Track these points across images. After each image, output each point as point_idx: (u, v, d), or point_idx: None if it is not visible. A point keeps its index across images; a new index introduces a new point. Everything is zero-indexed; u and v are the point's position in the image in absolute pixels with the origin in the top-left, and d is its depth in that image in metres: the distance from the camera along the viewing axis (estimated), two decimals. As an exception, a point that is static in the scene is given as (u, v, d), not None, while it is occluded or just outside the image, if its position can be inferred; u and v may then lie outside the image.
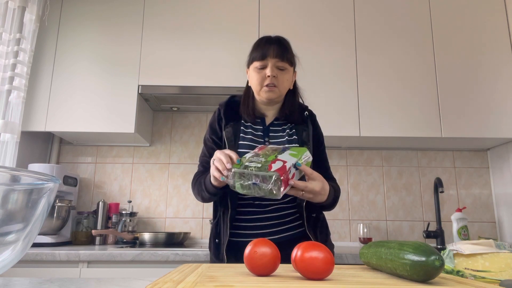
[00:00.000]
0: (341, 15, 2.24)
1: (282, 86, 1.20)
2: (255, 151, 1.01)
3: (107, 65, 2.15)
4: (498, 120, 2.09)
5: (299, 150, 1.01)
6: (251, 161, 0.94)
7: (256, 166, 0.92)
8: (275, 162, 0.93)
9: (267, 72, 1.17)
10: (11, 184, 0.43)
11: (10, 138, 1.90)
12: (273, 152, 0.98)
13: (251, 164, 0.93)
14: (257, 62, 1.19)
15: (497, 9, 2.24)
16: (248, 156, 0.97)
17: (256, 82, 1.19)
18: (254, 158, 0.95)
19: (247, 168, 0.92)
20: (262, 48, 1.19)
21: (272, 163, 0.92)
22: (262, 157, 0.95)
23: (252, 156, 0.97)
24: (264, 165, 0.91)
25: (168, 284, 0.46)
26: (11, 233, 0.42)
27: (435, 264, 0.49)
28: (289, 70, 1.21)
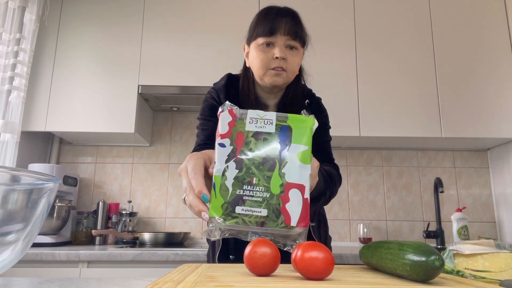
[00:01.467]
0: (341, 15, 2.24)
1: (291, 71, 1.00)
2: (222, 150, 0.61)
3: (107, 65, 2.15)
4: (498, 120, 2.09)
5: (301, 127, 0.64)
6: (241, 194, 0.58)
7: (259, 215, 0.58)
8: (288, 192, 0.59)
9: (275, 52, 0.96)
10: (11, 184, 0.43)
11: (10, 138, 1.90)
12: (266, 162, 0.60)
13: (249, 211, 0.58)
14: (262, 38, 0.97)
15: (497, 9, 2.24)
16: (228, 183, 0.59)
17: (260, 64, 0.98)
18: (244, 183, 0.59)
19: (241, 220, 0.58)
20: (271, 20, 0.96)
21: (285, 193, 0.59)
22: (258, 179, 0.60)
23: (239, 178, 0.59)
24: (274, 207, 0.58)
25: (168, 284, 0.46)
26: (11, 233, 0.42)
27: (435, 264, 0.49)
28: (300, 51, 1.01)
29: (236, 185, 0.59)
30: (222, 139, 0.63)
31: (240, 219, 0.58)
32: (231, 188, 0.59)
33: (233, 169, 0.60)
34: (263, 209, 0.58)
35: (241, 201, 0.59)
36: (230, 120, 0.64)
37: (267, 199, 0.59)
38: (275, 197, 0.59)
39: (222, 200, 0.58)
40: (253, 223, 0.58)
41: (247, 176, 0.60)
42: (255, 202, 0.59)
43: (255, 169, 0.60)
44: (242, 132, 0.63)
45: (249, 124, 0.64)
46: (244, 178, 0.60)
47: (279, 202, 0.59)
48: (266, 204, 0.58)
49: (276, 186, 0.59)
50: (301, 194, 0.59)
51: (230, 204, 0.58)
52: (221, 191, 0.59)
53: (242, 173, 0.60)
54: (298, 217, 0.58)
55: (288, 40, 0.97)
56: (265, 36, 0.97)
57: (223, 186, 0.59)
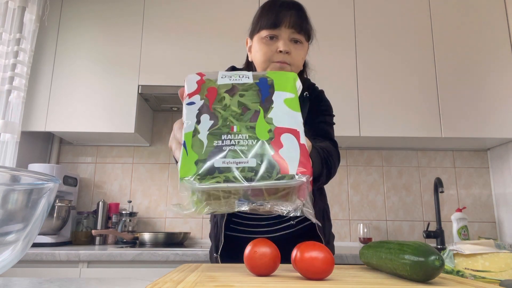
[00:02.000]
0: (341, 15, 2.24)
1: (295, 66, 0.96)
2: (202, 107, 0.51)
3: (107, 65, 2.15)
4: (498, 120, 2.09)
5: (283, 78, 0.56)
6: (224, 145, 0.46)
7: (246, 166, 0.44)
8: (279, 137, 0.47)
9: (279, 46, 0.93)
10: (11, 184, 0.43)
11: (10, 138, 1.90)
12: (247, 111, 0.49)
13: (232, 164, 0.44)
14: (266, 31, 0.94)
15: (497, 9, 2.24)
16: (202, 129, 0.47)
17: (263, 58, 0.94)
18: (223, 136, 0.46)
19: (222, 178, 0.43)
20: (275, 13, 0.93)
21: (275, 138, 0.46)
22: (238, 128, 0.47)
23: (215, 130, 0.47)
24: (265, 152, 0.45)
25: (168, 284, 0.46)
26: (11, 233, 0.42)
27: (435, 264, 0.49)
28: (305, 45, 0.99)
29: (212, 138, 0.47)
30: (190, 97, 0.52)
31: (221, 177, 0.43)
32: (206, 142, 0.46)
33: (206, 122, 0.48)
34: (250, 159, 0.44)
35: (221, 153, 0.45)
36: (198, 79, 0.55)
37: (254, 147, 0.46)
38: (264, 144, 0.46)
39: (195, 156, 0.45)
40: (239, 179, 0.43)
41: (225, 127, 0.47)
42: (240, 151, 0.45)
43: (234, 119, 0.48)
44: (213, 86, 0.53)
45: (222, 79, 0.54)
46: (221, 129, 0.47)
47: (270, 149, 0.46)
48: (254, 153, 0.45)
49: (263, 132, 0.47)
50: (295, 139, 0.47)
51: (207, 160, 0.44)
52: (193, 147, 0.46)
53: (218, 125, 0.48)
54: (297, 163, 0.45)
55: (293, 34, 0.94)
56: (269, 29, 0.94)
57: (196, 142, 0.46)
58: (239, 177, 0.43)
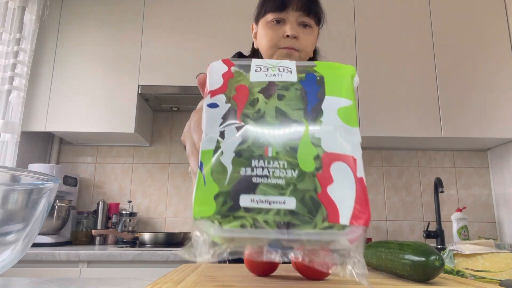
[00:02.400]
0: (341, 15, 2.24)
1: (304, 52, 0.89)
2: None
3: (107, 65, 2.15)
4: (498, 120, 2.09)
5: (337, 74, 0.42)
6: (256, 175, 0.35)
7: (282, 208, 0.34)
8: (328, 167, 0.35)
9: (286, 30, 0.85)
10: (11, 184, 0.43)
11: (10, 138, 1.90)
12: (287, 123, 0.37)
13: (263, 204, 0.34)
14: (272, 14, 0.86)
15: (497, 9, 2.24)
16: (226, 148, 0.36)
17: (269, 43, 0.87)
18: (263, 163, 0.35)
19: (250, 221, 0.34)
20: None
21: (324, 169, 0.35)
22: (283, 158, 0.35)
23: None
24: (308, 197, 0.34)
25: (168, 284, 0.46)
26: (11, 233, 0.42)
27: (435, 264, 0.49)
28: (315, 30, 0.93)
29: (239, 162, 0.35)
30: (213, 96, 0.40)
31: (249, 219, 0.34)
32: (231, 167, 0.35)
33: (232, 137, 0.36)
34: (288, 198, 0.34)
35: (249, 187, 0.34)
36: (225, 71, 0.44)
37: (294, 181, 0.34)
38: (308, 177, 0.34)
39: (215, 188, 0.35)
40: (272, 225, 0.34)
41: (257, 147, 0.35)
42: (274, 186, 0.34)
43: (270, 136, 0.36)
44: (244, 84, 0.41)
45: (255, 73, 0.42)
46: (252, 150, 0.35)
47: (315, 186, 0.34)
48: (293, 189, 0.34)
49: (307, 159, 0.35)
50: (351, 171, 0.35)
51: (230, 193, 0.34)
52: (213, 174, 0.35)
53: (248, 143, 0.36)
54: (352, 209, 0.34)
55: (301, 17, 0.87)
56: (275, 12, 0.86)
57: (217, 166, 0.35)
58: (272, 223, 0.33)
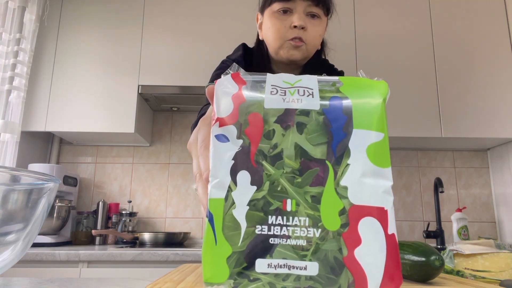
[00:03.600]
0: (341, 15, 2.24)
1: (311, 44, 0.86)
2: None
3: (107, 65, 2.15)
4: (498, 120, 2.09)
5: (365, 95, 0.39)
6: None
7: (298, 273, 0.30)
8: (356, 224, 0.31)
9: (293, 20, 0.81)
10: (11, 184, 0.43)
11: (10, 138, 1.90)
12: (308, 166, 0.32)
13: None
14: (279, 4, 0.82)
15: (497, 9, 2.24)
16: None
17: (276, 35, 0.83)
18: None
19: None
20: None
21: (351, 227, 0.31)
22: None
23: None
24: (328, 253, 0.31)
25: (168, 284, 0.46)
26: (11, 233, 0.42)
27: (435, 264, 0.49)
28: (323, 20, 0.88)
29: (254, 217, 0.31)
30: (222, 126, 0.34)
31: (266, 285, 0.30)
32: (245, 224, 0.31)
33: (245, 184, 0.32)
34: (309, 263, 0.30)
35: (266, 249, 0.31)
36: (235, 92, 0.35)
37: (317, 241, 0.31)
38: (333, 237, 0.31)
39: (228, 248, 0.31)
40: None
41: (274, 197, 0.31)
42: (294, 248, 0.30)
43: (288, 184, 0.31)
44: (258, 113, 0.34)
45: (271, 96, 0.35)
46: (269, 202, 0.31)
47: (340, 247, 0.30)
48: (315, 251, 0.30)
49: (332, 215, 0.31)
50: (381, 228, 0.31)
51: (245, 255, 0.30)
52: (224, 230, 0.31)
53: (263, 191, 0.32)
54: (382, 276, 0.30)
55: (309, 7, 0.83)
56: (282, 1, 0.82)
57: (229, 221, 0.31)
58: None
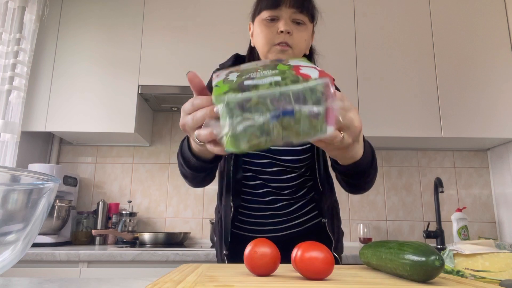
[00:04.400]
0: (341, 15, 2.24)
1: (297, 47, 0.92)
2: (239, 68, 0.56)
3: (107, 65, 2.15)
4: (498, 120, 2.09)
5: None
6: (248, 85, 0.48)
7: (271, 79, 0.48)
8: (300, 68, 0.51)
9: (279, 26, 0.89)
10: (11, 184, 0.43)
11: (10, 138, 1.90)
12: (276, 62, 0.54)
13: (258, 81, 0.49)
14: (266, 12, 0.90)
15: (497, 10, 2.24)
16: (236, 74, 0.52)
17: (264, 40, 0.91)
18: (249, 79, 0.50)
19: (252, 90, 0.47)
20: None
21: (295, 70, 0.50)
22: (267, 69, 0.52)
23: (247, 72, 0.52)
24: (288, 75, 0.49)
25: (168, 284, 0.46)
26: (11, 233, 0.42)
27: (435, 264, 0.49)
28: (308, 27, 0.95)
29: (240, 76, 0.51)
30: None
31: (253, 91, 0.48)
32: (236, 79, 0.50)
33: (234, 75, 0.52)
34: (274, 77, 0.49)
35: (248, 80, 0.50)
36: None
37: (278, 74, 0.50)
38: (286, 70, 0.51)
39: (226, 87, 0.49)
40: (269, 88, 0.48)
41: (251, 71, 0.53)
42: (265, 77, 0.50)
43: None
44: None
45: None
46: (248, 73, 0.52)
47: (292, 71, 0.51)
48: (277, 74, 0.50)
49: (283, 67, 0.53)
50: (316, 69, 0.52)
51: (237, 85, 0.49)
52: (224, 82, 0.50)
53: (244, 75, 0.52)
54: (319, 75, 0.49)
55: (295, 14, 0.90)
56: (269, 9, 0.90)
57: (226, 82, 0.50)
58: (269, 88, 0.48)
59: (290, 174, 0.99)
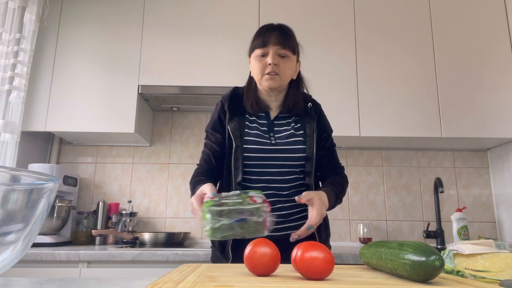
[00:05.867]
0: (341, 15, 2.24)
1: (284, 75, 1.17)
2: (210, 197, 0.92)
3: (107, 65, 2.15)
4: (498, 120, 2.09)
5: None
6: (223, 203, 0.84)
7: (236, 201, 0.84)
8: (253, 197, 0.86)
9: (268, 59, 1.14)
10: (11, 184, 0.43)
11: (10, 138, 1.90)
12: (240, 193, 0.89)
13: (229, 200, 0.84)
14: (258, 50, 1.17)
15: (497, 10, 2.24)
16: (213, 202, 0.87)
17: (257, 71, 1.17)
18: (224, 199, 0.86)
19: (225, 206, 0.83)
20: (263, 35, 1.17)
21: (251, 198, 0.85)
22: (234, 196, 0.87)
23: (219, 199, 0.87)
24: (245, 200, 0.84)
25: (168, 284, 0.46)
26: (11, 233, 0.42)
27: (435, 264, 0.49)
28: (292, 58, 1.18)
29: (220, 199, 0.87)
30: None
31: (225, 210, 0.84)
32: (217, 199, 0.87)
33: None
34: (238, 199, 0.85)
35: (224, 199, 0.86)
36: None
37: (242, 198, 0.86)
38: (246, 197, 0.86)
39: (211, 203, 0.85)
40: (231, 204, 0.84)
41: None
42: (232, 201, 0.85)
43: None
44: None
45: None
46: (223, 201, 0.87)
47: (249, 198, 0.86)
48: (242, 198, 0.86)
49: (244, 195, 0.88)
50: (261, 198, 0.87)
51: (217, 202, 0.86)
52: (211, 199, 0.88)
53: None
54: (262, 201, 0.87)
55: (279, 49, 1.15)
56: (260, 48, 1.16)
57: (212, 201, 0.87)
58: (234, 205, 0.84)
59: (289, 176, 1.17)
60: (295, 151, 1.17)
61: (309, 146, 1.18)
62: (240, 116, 1.20)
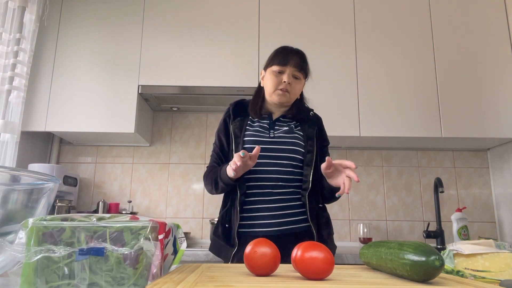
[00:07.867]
0: (341, 15, 2.24)
1: (293, 93, 1.30)
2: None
3: (107, 65, 2.15)
4: (498, 120, 2.09)
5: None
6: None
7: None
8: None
9: (284, 77, 1.26)
10: (11, 184, 0.43)
11: (10, 138, 1.90)
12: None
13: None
14: (276, 67, 1.27)
15: (497, 10, 2.24)
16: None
17: (272, 84, 1.28)
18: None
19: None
20: (284, 55, 1.29)
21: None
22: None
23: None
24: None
25: (168, 284, 0.46)
26: (11, 233, 0.42)
27: (435, 264, 0.49)
28: (302, 81, 1.32)
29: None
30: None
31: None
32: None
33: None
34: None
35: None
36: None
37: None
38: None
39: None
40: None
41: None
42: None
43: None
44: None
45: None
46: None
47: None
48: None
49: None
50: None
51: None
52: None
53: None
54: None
55: (295, 71, 1.27)
56: (279, 65, 1.28)
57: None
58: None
59: (286, 168, 1.25)
60: (292, 144, 1.26)
61: (309, 140, 1.29)
62: (243, 117, 1.31)
